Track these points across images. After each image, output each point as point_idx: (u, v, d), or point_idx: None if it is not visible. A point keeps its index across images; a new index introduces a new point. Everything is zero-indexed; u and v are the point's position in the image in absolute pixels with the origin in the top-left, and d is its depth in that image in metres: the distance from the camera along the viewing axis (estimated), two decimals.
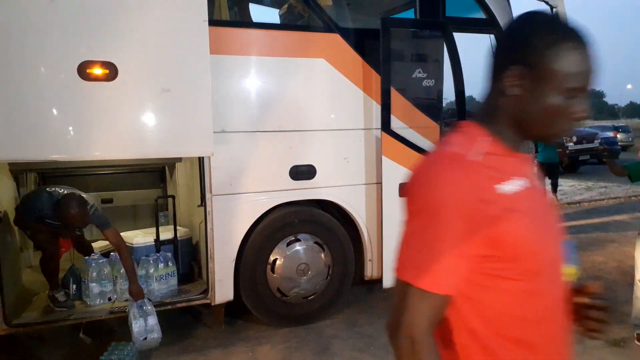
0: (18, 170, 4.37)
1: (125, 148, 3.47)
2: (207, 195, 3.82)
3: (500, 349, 1.02)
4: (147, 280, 3.89)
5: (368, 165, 4.28)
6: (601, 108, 79.56)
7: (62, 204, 3.52)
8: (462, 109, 4.53)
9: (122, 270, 3.83)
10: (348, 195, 4.27)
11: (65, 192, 3.71)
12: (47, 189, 3.75)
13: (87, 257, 3.95)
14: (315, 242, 4.27)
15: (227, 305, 4.14)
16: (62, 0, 3.17)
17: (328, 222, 4.32)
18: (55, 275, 3.89)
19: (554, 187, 10.09)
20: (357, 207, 4.32)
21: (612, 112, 75.96)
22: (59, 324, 3.65)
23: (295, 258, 4.18)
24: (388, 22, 4.19)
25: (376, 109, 4.20)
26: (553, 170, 9.51)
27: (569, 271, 1.23)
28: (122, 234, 4.45)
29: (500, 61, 1.06)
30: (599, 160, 15.94)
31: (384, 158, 4.13)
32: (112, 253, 4.13)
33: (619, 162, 4.25)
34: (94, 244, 4.60)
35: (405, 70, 4.29)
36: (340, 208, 4.33)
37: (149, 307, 3.51)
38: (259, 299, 4.14)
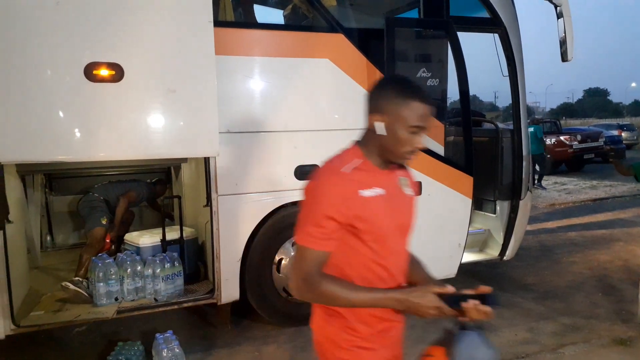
0: (25, 171, 4.39)
1: (131, 149, 3.48)
2: (213, 195, 3.84)
3: (357, 281, 1.57)
4: (153, 280, 3.91)
5: None
6: (605, 106, 79.17)
7: (160, 184, 5.16)
8: (467, 108, 4.53)
9: (129, 270, 3.87)
10: None
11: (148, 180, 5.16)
12: (142, 181, 5.01)
13: (93, 257, 3.98)
14: None
15: (233, 304, 4.15)
16: (68, 2, 3.20)
17: None
18: (87, 268, 4.09)
19: (540, 176, 12.21)
20: None
21: (616, 110, 75.58)
22: (66, 324, 3.67)
23: None
24: (392, 21, 4.20)
25: None
26: (538, 160, 11.71)
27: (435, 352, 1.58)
28: (128, 234, 4.51)
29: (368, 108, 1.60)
30: (603, 158, 15.90)
31: None
32: (118, 253, 4.15)
33: (626, 162, 4.24)
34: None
35: (409, 69, 4.28)
36: None
37: (177, 351, 3.39)
38: (264, 299, 4.15)
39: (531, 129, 11.25)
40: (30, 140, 3.21)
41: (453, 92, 4.60)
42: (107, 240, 4.50)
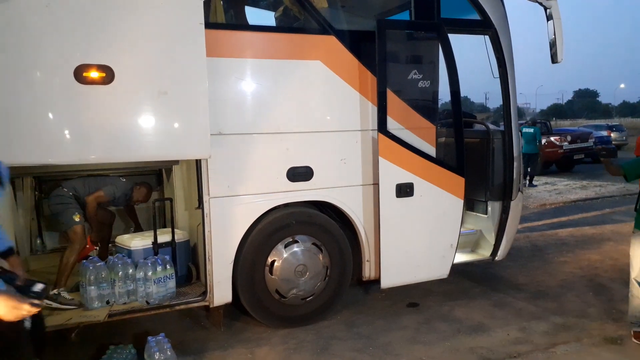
0: (14, 175, 4.35)
1: (122, 151, 3.47)
2: (205, 197, 3.83)
3: None
4: (145, 283, 3.88)
5: (365, 166, 4.29)
6: (595, 107, 79.90)
7: (140, 187, 4.68)
8: (458, 109, 4.55)
9: (120, 273, 3.85)
10: (345, 197, 4.28)
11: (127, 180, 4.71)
12: (121, 179, 4.66)
13: (84, 261, 3.95)
14: (313, 244, 4.27)
15: (226, 307, 4.14)
16: (58, 4, 3.18)
17: (326, 223, 4.33)
18: (69, 273, 3.99)
19: (531, 177, 12.58)
20: (355, 208, 4.33)
21: (605, 111, 76.33)
22: (57, 328, 3.63)
23: (293, 259, 4.19)
24: (383, 23, 4.21)
25: (372, 110, 4.22)
26: (532, 160, 12.19)
27: None
28: (119, 237, 4.48)
29: None
30: (593, 159, 16.03)
31: (380, 159, 4.15)
32: (110, 256, 4.12)
33: (616, 161, 4.27)
34: None
35: (401, 71, 4.30)
36: (338, 209, 4.34)
37: (169, 354, 3.39)
38: (257, 301, 4.14)
39: (531, 130, 12.25)
40: (20, 143, 3.19)
41: (444, 94, 4.63)
42: (87, 245, 4.41)
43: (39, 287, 2.25)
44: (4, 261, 2.55)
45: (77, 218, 4.18)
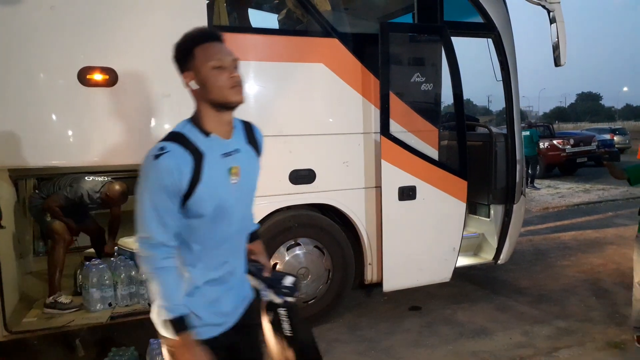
0: (17, 176, 4.37)
1: (126, 154, 3.47)
2: None
3: None
4: (148, 286, 3.87)
5: (367, 169, 4.29)
6: (598, 111, 79.89)
7: (111, 186, 4.20)
8: (460, 112, 4.54)
9: (123, 275, 3.84)
10: (348, 199, 4.28)
11: (104, 178, 4.31)
12: (86, 178, 4.23)
13: (87, 262, 3.95)
14: (315, 246, 4.27)
15: None
16: (62, 7, 3.19)
17: (328, 226, 4.32)
18: (60, 272, 3.92)
19: (532, 178, 12.72)
20: (357, 211, 4.32)
21: (608, 114, 76.35)
22: (59, 330, 3.64)
23: (295, 262, 4.18)
24: (386, 26, 4.21)
25: (375, 113, 4.21)
26: (532, 161, 12.53)
27: None
28: (122, 239, 4.47)
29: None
30: (596, 162, 16.00)
31: (383, 162, 4.14)
32: (112, 259, 4.12)
33: (619, 165, 4.26)
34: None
35: (403, 74, 4.30)
36: (340, 212, 4.33)
37: None
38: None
39: (527, 133, 12.26)
40: (24, 145, 3.20)
41: (447, 97, 4.62)
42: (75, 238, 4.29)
43: (289, 280, 1.96)
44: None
45: (48, 217, 4.06)
